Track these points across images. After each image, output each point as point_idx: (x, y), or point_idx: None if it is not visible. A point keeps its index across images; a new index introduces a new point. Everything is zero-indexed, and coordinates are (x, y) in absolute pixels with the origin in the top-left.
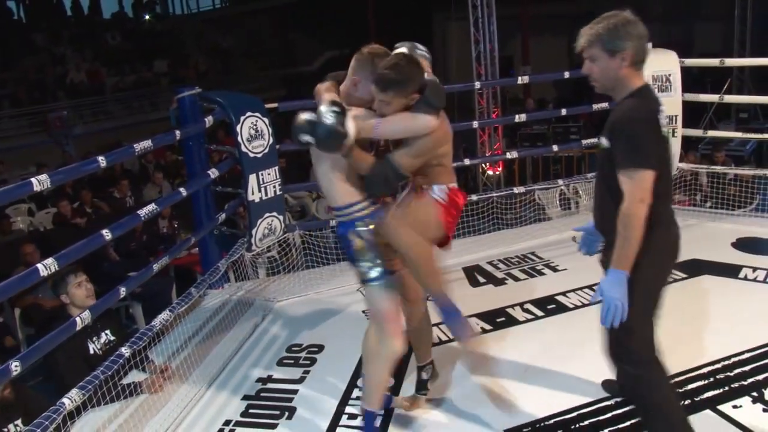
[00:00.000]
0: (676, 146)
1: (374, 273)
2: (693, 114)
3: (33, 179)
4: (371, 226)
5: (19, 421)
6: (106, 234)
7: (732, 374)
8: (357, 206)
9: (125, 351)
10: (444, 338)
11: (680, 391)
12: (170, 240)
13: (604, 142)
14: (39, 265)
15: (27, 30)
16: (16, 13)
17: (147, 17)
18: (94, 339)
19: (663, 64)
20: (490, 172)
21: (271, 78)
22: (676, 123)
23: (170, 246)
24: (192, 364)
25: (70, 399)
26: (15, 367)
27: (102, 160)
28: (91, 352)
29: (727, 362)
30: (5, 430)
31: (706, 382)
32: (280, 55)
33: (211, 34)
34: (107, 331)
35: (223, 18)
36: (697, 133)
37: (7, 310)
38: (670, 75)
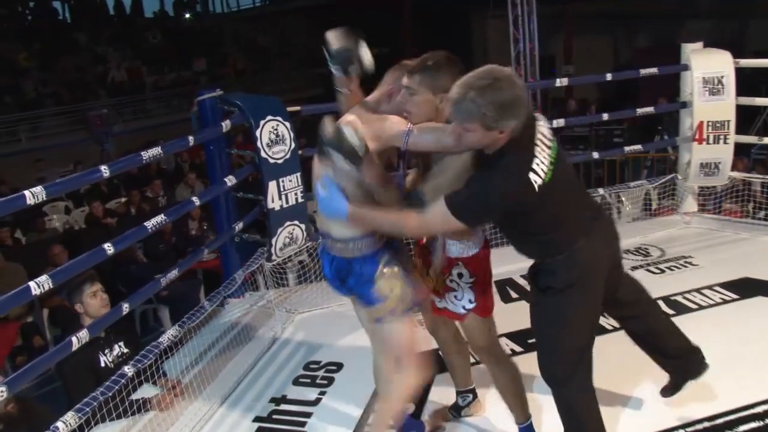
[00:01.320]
0: (728, 153)
1: (399, 310)
2: (744, 118)
3: (26, 192)
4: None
5: None
6: (108, 248)
7: None
8: (373, 238)
9: (128, 370)
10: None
11: None
12: (199, 242)
13: None
14: (31, 283)
15: (70, 29)
16: (61, 13)
17: (187, 16)
18: (106, 351)
19: (715, 65)
20: None
21: (309, 76)
22: (728, 129)
23: (198, 248)
24: (205, 379)
25: (65, 423)
26: (1, 392)
27: (105, 170)
28: (102, 365)
29: None
30: None
31: (761, 424)
32: (318, 53)
33: (250, 33)
34: (121, 343)
35: (261, 16)
36: (751, 139)
37: (36, 310)
38: (723, 77)
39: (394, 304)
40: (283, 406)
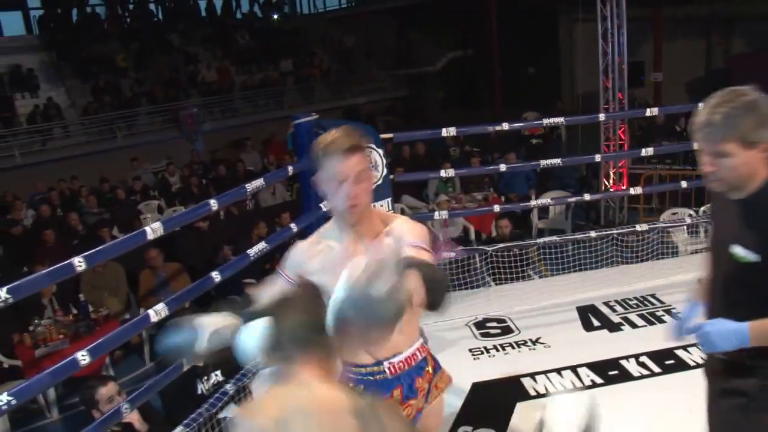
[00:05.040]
0: None
1: None
2: None
3: (147, 228)
4: None
5: None
6: (154, 313)
7: None
8: None
9: (230, 388)
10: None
11: None
12: (286, 248)
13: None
14: (77, 355)
15: (164, 31)
16: (156, 14)
17: (275, 17)
18: (204, 379)
19: None
20: (612, 191)
21: (394, 78)
22: None
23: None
24: None
25: None
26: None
27: (214, 204)
28: (199, 392)
29: None
30: None
31: None
32: (402, 54)
33: (336, 34)
34: (218, 372)
35: (347, 17)
36: None
37: (133, 308)
38: None
39: None
40: None
